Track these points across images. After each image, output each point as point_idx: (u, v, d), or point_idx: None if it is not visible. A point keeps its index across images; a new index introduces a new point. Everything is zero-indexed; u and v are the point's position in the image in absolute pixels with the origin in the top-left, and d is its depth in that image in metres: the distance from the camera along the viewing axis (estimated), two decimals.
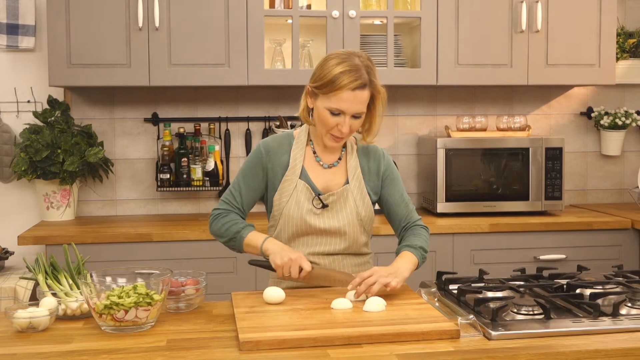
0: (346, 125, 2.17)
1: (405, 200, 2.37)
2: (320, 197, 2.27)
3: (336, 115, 2.17)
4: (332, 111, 2.17)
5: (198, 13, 3.55)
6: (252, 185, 2.31)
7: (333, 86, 2.15)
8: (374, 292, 2.06)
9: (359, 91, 2.16)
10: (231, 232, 2.28)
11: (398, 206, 2.35)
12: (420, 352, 1.73)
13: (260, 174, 2.30)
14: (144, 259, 3.33)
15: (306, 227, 2.27)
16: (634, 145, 4.32)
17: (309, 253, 2.30)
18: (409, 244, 2.28)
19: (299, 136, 2.34)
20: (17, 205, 3.85)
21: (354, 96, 2.15)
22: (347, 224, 2.29)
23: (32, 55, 3.81)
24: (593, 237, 3.63)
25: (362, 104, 2.18)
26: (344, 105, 2.15)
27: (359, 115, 2.19)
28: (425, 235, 2.34)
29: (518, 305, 2.00)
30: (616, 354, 1.76)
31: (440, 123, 4.12)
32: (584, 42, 3.82)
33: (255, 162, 2.31)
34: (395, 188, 2.36)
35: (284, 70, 3.70)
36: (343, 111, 2.16)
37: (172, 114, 3.93)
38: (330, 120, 2.18)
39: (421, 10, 3.70)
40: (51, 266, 2.11)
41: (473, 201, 3.75)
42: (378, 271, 2.11)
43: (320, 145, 2.32)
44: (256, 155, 2.32)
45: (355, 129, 2.23)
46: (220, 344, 1.79)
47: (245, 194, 2.31)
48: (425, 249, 2.30)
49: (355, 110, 2.17)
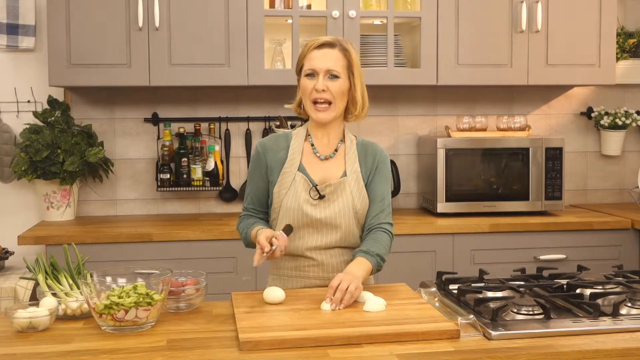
0: (320, 83, 2.24)
1: (382, 201, 2.34)
2: (317, 187, 2.29)
3: (312, 77, 2.27)
4: (307, 74, 2.27)
5: (198, 13, 3.55)
6: (259, 185, 2.38)
7: (303, 53, 2.30)
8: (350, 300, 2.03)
9: (326, 49, 2.27)
10: (244, 235, 2.39)
11: (374, 202, 2.33)
12: (420, 352, 1.73)
13: (262, 172, 2.36)
14: (144, 259, 3.33)
15: (303, 217, 2.29)
16: (634, 145, 4.32)
17: (307, 247, 2.31)
18: (366, 250, 2.24)
19: (298, 132, 2.39)
20: (17, 205, 3.85)
21: (322, 53, 2.26)
22: (343, 214, 2.29)
23: (32, 55, 3.81)
24: (593, 237, 3.63)
25: (333, 61, 2.26)
26: (313, 63, 2.26)
27: (335, 75, 2.26)
28: (385, 242, 2.29)
29: (518, 305, 2.00)
30: (616, 354, 1.76)
31: (440, 123, 4.12)
32: (584, 42, 3.82)
33: (255, 162, 2.38)
34: (378, 185, 2.35)
35: (284, 70, 3.70)
36: (314, 69, 2.26)
37: (172, 114, 3.93)
38: (308, 85, 2.27)
39: (421, 10, 3.70)
40: (51, 266, 2.11)
41: (473, 201, 3.75)
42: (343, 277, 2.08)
43: (317, 136, 2.36)
44: (255, 155, 2.39)
45: (336, 92, 2.26)
46: (220, 344, 1.79)
47: (255, 195, 2.40)
48: (382, 257, 2.26)
49: (326, 65, 2.25)
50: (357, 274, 2.14)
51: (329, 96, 2.26)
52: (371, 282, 2.37)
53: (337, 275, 2.09)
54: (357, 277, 2.11)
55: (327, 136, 2.36)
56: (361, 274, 2.16)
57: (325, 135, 2.35)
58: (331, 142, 2.36)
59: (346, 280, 2.05)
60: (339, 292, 2.03)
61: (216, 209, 3.99)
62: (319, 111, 2.28)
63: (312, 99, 2.27)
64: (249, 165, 2.41)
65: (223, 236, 3.40)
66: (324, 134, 2.35)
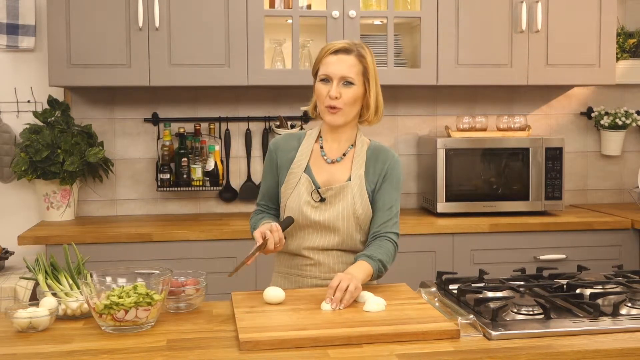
0: (334, 89, 2.24)
1: (390, 210, 2.32)
2: (319, 190, 2.30)
3: (326, 82, 2.27)
4: (322, 79, 2.27)
5: (198, 13, 3.55)
6: (270, 182, 2.43)
7: (319, 57, 2.31)
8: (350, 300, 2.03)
9: (342, 55, 2.27)
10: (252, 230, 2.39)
11: (380, 210, 2.32)
12: (420, 352, 1.73)
13: (273, 170, 2.40)
14: (144, 259, 3.33)
15: (302, 218, 2.30)
16: (634, 145, 4.32)
17: (305, 247, 2.33)
18: (369, 255, 2.23)
19: (311, 133, 2.41)
20: (17, 205, 3.85)
21: (337, 59, 2.26)
22: (342, 218, 2.29)
23: (32, 55, 3.81)
24: (593, 237, 3.63)
25: (348, 67, 2.26)
26: (329, 69, 2.26)
27: (349, 82, 2.25)
28: (389, 250, 2.28)
29: (518, 305, 2.00)
30: (616, 354, 1.76)
31: (440, 123, 4.12)
32: (584, 42, 3.82)
33: (268, 160, 2.43)
34: (387, 192, 2.33)
35: (284, 70, 3.70)
36: (329, 75, 2.26)
37: (172, 114, 3.93)
38: (322, 90, 2.27)
39: (421, 10, 3.70)
40: (51, 266, 2.11)
41: (473, 201, 3.75)
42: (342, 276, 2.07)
43: (328, 140, 2.37)
44: (268, 154, 2.44)
45: (348, 100, 2.26)
46: (220, 344, 1.79)
47: (267, 192, 2.44)
48: (384, 263, 2.25)
49: (341, 72, 2.25)
50: (357, 275, 2.13)
51: (341, 104, 2.26)
52: (371, 282, 2.37)
53: (337, 275, 2.09)
54: (357, 278, 2.11)
55: (337, 140, 2.36)
56: (361, 276, 2.15)
57: (337, 138, 2.36)
58: (341, 145, 2.36)
59: (345, 280, 2.05)
60: (339, 292, 2.03)
61: (216, 209, 3.99)
62: (331, 114, 2.28)
63: (326, 104, 2.27)
64: (264, 163, 2.47)
65: (223, 236, 3.41)
66: (335, 138, 2.36)
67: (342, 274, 2.10)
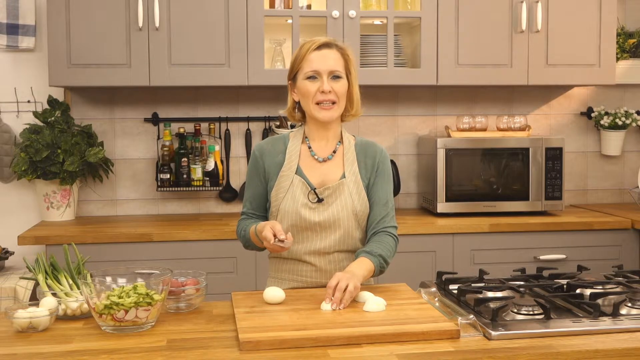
0: (326, 83, 2.23)
1: (386, 204, 2.32)
2: (315, 191, 2.28)
3: (314, 79, 2.25)
4: (309, 77, 2.25)
5: (198, 13, 3.55)
6: (257, 188, 2.37)
7: (300, 56, 2.27)
8: (349, 300, 2.03)
9: (325, 50, 2.26)
10: (242, 235, 2.38)
11: (377, 205, 2.32)
12: (420, 352, 1.73)
13: (260, 176, 2.35)
14: (144, 259, 3.33)
15: (301, 221, 2.28)
16: (634, 145, 4.32)
17: (305, 252, 2.31)
18: (369, 251, 2.23)
19: (295, 135, 2.38)
20: (17, 205, 3.85)
21: (322, 55, 2.25)
22: (341, 216, 2.28)
23: (32, 55, 3.81)
24: (593, 237, 3.63)
25: (335, 61, 2.26)
26: (315, 65, 2.25)
27: (338, 76, 2.25)
28: (390, 244, 2.28)
29: (518, 305, 2.00)
30: (616, 354, 1.76)
31: (440, 123, 4.12)
32: (584, 42, 3.82)
33: (253, 166, 2.38)
34: (381, 187, 2.33)
35: (284, 70, 3.70)
36: (317, 71, 2.25)
37: (172, 114, 3.93)
38: (311, 88, 2.25)
39: (421, 10, 3.70)
40: (51, 266, 2.11)
41: (473, 201, 3.75)
42: (341, 276, 2.07)
43: (315, 139, 2.35)
44: (252, 159, 2.38)
45: (340, 93, 2.26)
46: (220, 344, 1.79)
47: (254, 199, 2.39)
48: (385, 258, 2.24)
49: (329, 67, 2.24)
50: (357, 272, 2.13)
51: (334, 97, 2.26)
52: (371, 282, 2.37)
53: (335, 275, 2.08)
54: (356, 276, 2.10)
55: (325, 137, 2.35)
56: (361, 273, 2.14)
57: (324, 136, 2.34)
58: (329, 143, 2.35)
59: (344, 280, 2.05)
60: (338, 292, 2.02)
61: (216, 209, 3.99)
62: (325, 110, 2.26)
63: (316, 101, 2.26)
64: (247, 168, 2.41)
65: (223, 236, 3.40)
66: (323, 136, 2.34)
67: (341, 274, 2.09)
